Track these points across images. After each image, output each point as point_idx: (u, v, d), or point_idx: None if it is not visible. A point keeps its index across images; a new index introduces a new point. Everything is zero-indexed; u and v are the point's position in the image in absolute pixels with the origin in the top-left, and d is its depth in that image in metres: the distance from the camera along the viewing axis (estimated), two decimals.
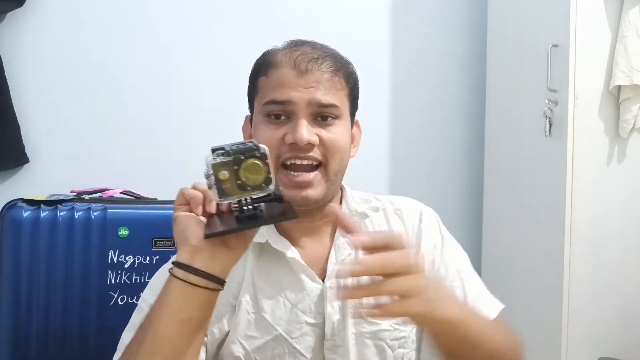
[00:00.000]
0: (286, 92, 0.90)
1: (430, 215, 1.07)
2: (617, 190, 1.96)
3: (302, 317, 0.94)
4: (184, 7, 1.97)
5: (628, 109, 1.91)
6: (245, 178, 0.72)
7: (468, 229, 2.41)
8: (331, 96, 0.91)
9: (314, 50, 0.93)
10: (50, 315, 1.32)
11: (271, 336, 0.94)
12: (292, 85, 0.90)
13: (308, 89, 0.89)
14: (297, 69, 0.90)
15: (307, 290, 0.95)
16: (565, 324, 1.91)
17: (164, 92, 1.93)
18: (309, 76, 0.90)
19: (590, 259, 1.93)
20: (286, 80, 0.90)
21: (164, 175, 1.89)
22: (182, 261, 0.77)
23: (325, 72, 0.91)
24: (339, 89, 0.93)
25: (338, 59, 0.95)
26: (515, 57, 2.12)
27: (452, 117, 2.40)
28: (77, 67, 1.85)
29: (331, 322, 0.94)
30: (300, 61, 0.90)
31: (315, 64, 0.91)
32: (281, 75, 0.91)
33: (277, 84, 0.91)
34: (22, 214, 1.32)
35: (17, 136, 1.75)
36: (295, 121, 0.90)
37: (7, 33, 1.76)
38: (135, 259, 1.37)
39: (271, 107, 0.91)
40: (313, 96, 0.89)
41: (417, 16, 2.32)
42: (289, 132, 0.89)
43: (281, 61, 0.92)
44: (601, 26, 1.91)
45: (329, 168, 0.92)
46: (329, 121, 0.92)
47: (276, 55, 0.93)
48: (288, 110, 0.90)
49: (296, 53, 0.92)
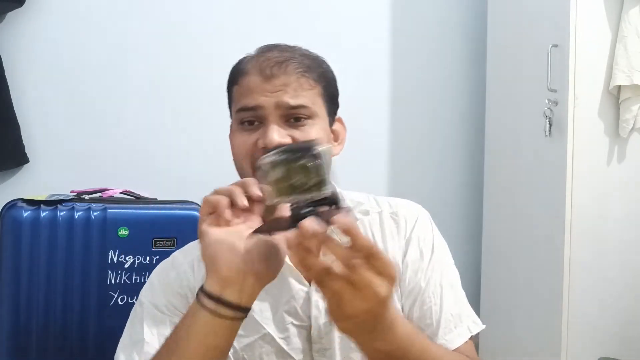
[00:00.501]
0: (254, 97, 0.91)
1: (424, 222, 1.03)
2: (617, 190, 1.96)
3: (287, 319, 0.94)
4: (184, 8, 1.97)
5: (628, 109, 1.91)
6: (301, 178, 0.71)
7: (468, 229, 2.41)
8: (300, 97, 0.91)
9: (281, 53, 0.94)
10: (50, 315, 1.32)
11: (259, 334, 0.94)
12: (259, 91, 0.91)
13: (275, 92, 0.90)
14: (262, 74, 0.91)
15: (293, 292, 0.94)
16: (565, 324, 1.91)
17: (164, 92, 1.93)
18: (275, 80, 0.91)
19: (590, 258, 1.93)
20: (253, 86, 0.91)
21: (164, 175, 1.89)
22: (212, 292, 0.76)
23: (291, 75, 0.92)
24: (307, 89, 0.93)
25: (305, 60, 0.95)
26: (515, 57, 2.12)
27: (452, 117, 2.40)
28: (77, 67, 1.85)
29: (317, 325, 0.93)
30: (265, 66, 0.92)
31: (280, 68, 0.91)
32: (249, 82, 0.92)
33: (246, 91, 0.92)
34: (22, 214, 1.32)
35: (17, 136, 1.75)
36: (266, 126, 0.91)
37: (7, 33, 1.76)
38: (135, 259, 1.37)
39: (243, 114, 0.92)
40: (280, 99, 0.90)
41: (417, 16, 2.32)
42: (261, 137, 0.90)
43: (248, 68, 0.93)
44: (601, 26, 1.91)
45: None
46: (302, 122, 0.92)
47: (245, 63, 0.95)
48: (259, 116, 0.91)
49: (261, 59, 0.93)
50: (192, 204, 1.45)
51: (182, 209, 1.42)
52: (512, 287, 2.15)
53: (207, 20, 1.99)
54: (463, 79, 2.40)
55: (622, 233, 1.98)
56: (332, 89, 0.99)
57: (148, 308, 0.97)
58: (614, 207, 1.96)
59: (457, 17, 2.38)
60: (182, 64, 1.93)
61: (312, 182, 0.71)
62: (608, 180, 1.95)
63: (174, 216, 1.41)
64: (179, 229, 1.36)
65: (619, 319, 1.98)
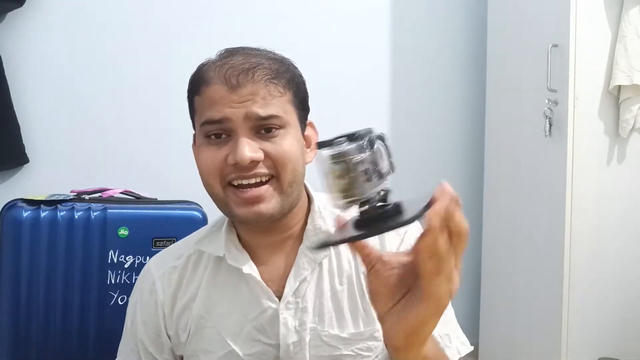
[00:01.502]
0: (220, 109, 0.84)
1: (414, 236, 0.97)
2: (617, 190, 1.96)
3: (255, 335, 0.91)
4: (184, 8, 1.97)
5: (628, 109, 1.91)
6: (370, 167, 0.60)
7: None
8: (270, 107, 0.84)
9: (245, 58, 0.86)
10: (50, 315, 1.32)
11: (225, 351, 0.92)
12: (226, 102, 0.84)
13: (243, 103, 0.83)
14: (228, 83, 0.84)
15: (262, 308, 0.91)
16: (565, 324, 1.91)
17: (164, 92, 1.93)
18: (242, 89, 0.84)
19: (590, 258, 1.93)
20: (218, 97, 0.84)
21: (164, 175, 1.89)
22: None
23: (258, 82, 0.84)
24: (277, 96, 0.85)
25: (273, 65, 0.87)
26: (515, 57, 2.13)
27: (452, 117, 2.40)
28: (77, 67, 1.85)
29: (286, 344, 0.90)
30: (231, 75, 0.84)
31: (247, 76, 0.84)
32: (213, 92, 0.85)
33: (210, 102, 0.85)
34: (22, 214, 1.32)
35: (17, 136, 1.75)
36: (235, 139, 0.84)
37: (7, 33, 1.76)
38: (135, 259, 1.37)
39: (209, 128, 0.85)
40: (249, 110, 0.83)
41: (417, 16, 2.33)
42: (231, 152, 0.84)
43: (212, 77, 0.86)
44: (601, 26, 1.91)
45: (281, 180, 0.86)
46: (273, 132, 0.85)
47: (207, 71, 0.87)
48: (226, 129, 0.84)
49: (225, 67, 0.85)
50: (192, 204, 1.45)
51: (182, 209, 1.42)
52: (512, 287, 2.15)
53: (208, 20, 1.99)
54: (463, 79, 2.40)
55: (622, 233, 1.98)
56: (302, 94, 0.92)
57: (131, 336, 0.99)
58: (614, 207, 1.96)
59: (457, 17, 2.38)
60: (182, 64, 1.93)
61: (385, 169, 0.61)
62: (608, 180, 1.95)
63: (174, 216, 1.40)
64: (179, 229, 1.35)
65: (618, 319, 1.98)
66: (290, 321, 0.90)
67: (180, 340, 0.96)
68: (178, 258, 0.98)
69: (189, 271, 0.96)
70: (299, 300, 0.91)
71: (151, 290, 0.97)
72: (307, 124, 0.93)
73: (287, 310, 0.90)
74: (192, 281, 0.96)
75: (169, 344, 0.97)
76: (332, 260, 0.93)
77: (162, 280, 0.97)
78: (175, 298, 0.96)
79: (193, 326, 0.94)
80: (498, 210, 2.24)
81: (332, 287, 0.92)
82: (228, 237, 0.94)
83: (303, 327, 0.90)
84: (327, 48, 2.15)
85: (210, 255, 0.95)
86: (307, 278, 0.91)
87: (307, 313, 0.90)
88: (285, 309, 0.90)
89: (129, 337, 0.99)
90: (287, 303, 0.91)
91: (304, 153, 0.91)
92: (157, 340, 0.97)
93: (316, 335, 0.91)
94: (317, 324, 0.91)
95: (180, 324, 0.95)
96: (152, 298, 0.97)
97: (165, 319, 0.96)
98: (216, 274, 0.95)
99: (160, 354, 0.97)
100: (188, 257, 0.97)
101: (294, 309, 0.90)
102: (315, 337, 0.90)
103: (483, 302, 2.30)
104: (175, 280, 0.96)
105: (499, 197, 2.24)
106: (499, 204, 2.23)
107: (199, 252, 0.97)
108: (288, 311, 0.90)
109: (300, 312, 0.90)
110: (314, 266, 0.92)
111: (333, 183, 0.61)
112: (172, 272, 0.97)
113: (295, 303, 0.90)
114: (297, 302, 0.90)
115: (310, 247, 0.91)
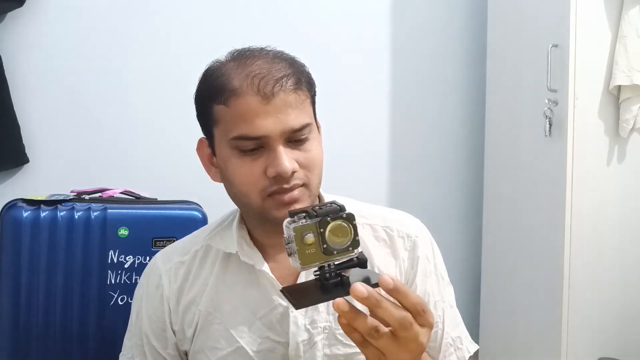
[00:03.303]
0: (257, 125, 0.82)
1: (426, 241, 0.99)
2: (617, 190, 1.96)
3: (264, 332, 0.91)
4: (184, 8, 1.97)
5: (628, 109, 1.91)
6: (331, 241, 0.68)
7: (468, 229, 2.41)
8: (302, 116, 0.85)
9: (269, 64, 0.85)
10: (50, 315, 1.32)
11: (232, 348, 0.92)
12: (260, 113, 0.82)
13: (278, 116, 0.83)
14: (260, 94, 0.82)
15: (272, 305, 0.91)
16: (565, 324, 1.91)
17: (164, 91, 1.93)
18: (275, 100, 0.82)
19: (590, 258, 1.93)
20: (252, 110, 0.82)
21: (164, 175, 1.89)
22: None
23: (289, 91, 0.84)
24: (303, 102, 0.86)
25: (294, 68, 0.87)
26: (515, 57, 2.12)
27: (452, 117, 2.40)
28: (77, 67, 1.85)
29: (295, 342, 0.90)
30: (264, 85, 0.82)
31: (279, 85, 0.83)
32: (246, 105, 0.83)
33: (243, 115, 0.83)
34: (22, 214, 1.32)
35: (17, 136, 1.75)
36: (272, 151, 0.84)
37: (7, 33, 1.76)
38: (135, 259, 1.37)
39: (244, 143, 0.84)
40: (285, 125, 0.83)
41: (417, 16, 2.32)
42: (269, 165, 0.84)
43: (241, 87, 0.83)
44: (601, 26, 1.91)
45: (311, 185, 0.88)
46: (302, 141, 0.86)
47: (231, 79, 0.85)
48: (263, 143, 0.84)
49: (255, 76, 0.83)
50: (192, 204, 1.45)
51: (182, 209, 1.42)
52: (512, 287, 2.15)
53: (209, 20, 1.99)
54: (463, 79, 2.40)
55: (621, 233, 1.98)
56: (315, 93, 0.92)
57: (135, 330, 0.99)
58: (614, 207, 1.96)
59: (457, 17, 2.38)
60: (182, 64, 1.93)
61: (345, 244, 0.68)
62: (608, 180, 1.95)
63: (174, 216, 1.41)
64: (179, 229, 1.35)
65: (618, 319, 1.98)
66: (300, 319, 0.90)
67: (185, 335, 0.96)
68: (185, 253, 0.98)
69: (196, 266, 0.97)
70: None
71: (157, 285, 0.97)
72: None
73: None
74: (199, 277, 0.96)
75: (173, 339, 0.97)
76: None
77: (168, 275, 0.97)
78: (182, 293, 0.96)
79: (200, 322, 0.94)
80: (498, 210, 2.24)
81: None
82: (239, 234, 0.94)
83: (314, 325, 0.91)
84: (326, 48, 2.15)
85: (219, 251, 0.95)
86: None
87: (319, 312, 0.91)
88: None
89: (134, 332, 1.00)
90: None
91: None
92: (161, 335, 0.97)
93: (331, 334, 0.91)
94: (331, 323, 0.91)
95: (186, 320, 0.96)
96: (158, 292, 0.97)
97: (171, 314, 0.96)
98: (225, 270, 0.95)
99: (164, 349, 0.97)
100: (195, 252, 0.98)
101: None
102: (330, 335, 0.91)
103: (483, 302, 2.29)
104: (182, 276, 0.97)
105: (498, 197, 2.23)
106: (499, 203, 2.23)
107: (207, 247, 0.97)
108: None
109: (311, 310, 0.90)
110: None
111: (298, 248, 0.68)
112: (178, 267, 0.97)
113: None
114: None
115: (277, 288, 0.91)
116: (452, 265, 1.08)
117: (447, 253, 1.05)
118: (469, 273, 2.40)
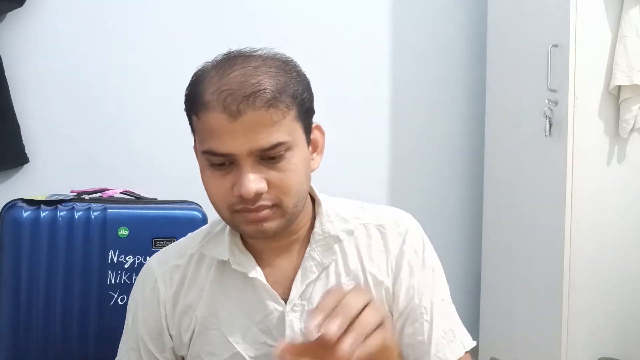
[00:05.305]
0: (223, 143, 0.80)
1: (415, 235, 0.97)
2: (617, 190, 1.97)
3: (261, 337, 0.91)
4: (184, 8, 1.97)
5: (628, 109, 1.91)
6: None
7: (468, 229, 2.41)
8: (273, 135, 0.80)
9: (246, 78, 0.80)
10: (50, 315, 1.32)
11: (229, 353, 0.91)
12: (227, 132, 0.79)
13: (245, 135, 0.79)
14: (227, 111, 0.79)
15: (268, 311, 0.91)
16: (565, 324, 1.91)
17: (164, 91, 1.93)
18: (243, 117, 0.78)
19: (590, 258, 1.93)
20: (220, 127, 0.79)
21: (164, 175, 1.89)
22: None
23: (259, 109, 0.79)
24: (280, 119, 0.80)
25: (275, 83, 0.81)
26: (515, 57, 2.13)
27: (452, 117, 2.40)
28: (77, 67, 1.85)
29: None
30: (231, 102, 0.78)
31: (247, 103, 0.78)
32: (213, 120, 0.80)
33: (210, 131, 0.81)
34: (22, 214, 1.32)
35: (17, 136, 1.75)
36: (239, 170, 0.81)
37: (7, 33, 1.75)
38: (135, 259, 1.37)
39: (212, 158, 0.83)
40: (252, 145, 0.79)
41: (417, 16, 2.32)
42: (235, 184, 0.81)
43: (209, 102, 0.80)
44: (601, 26, 1.91)
45: (283, 206, 0.84)
46: (277, 159, 0.82)
47: (204, 91, 0.82)
48: (230, 160, 0.82)
49: (223, 91, 0.79)
50: (192, 204, 1.45)
51: (182, 209, 1.43)
52: (512, 286, 2.15)
53: (208, 20, 1.99)
54: (463, 79, 2.40)
55: (621, 233, 1.98)
56: (308, 101, 0.87)
57: (131, 334, 0.99)
58: (614, 207, 1.96)
59: (457, 16, 2.38)
60: (182, 64, 1.93)
61: None
62: (608, 180, 1.95)
63: (174, 216, 1.41)
64: (179, 229, 1.36)
65: (618, 319, 1.98)
66: (296, 323, 0.90)
67: (182, 340, 0.96)
68: (180, 257, 0.97)
69: (191, 271, 0.96)
70: (305, 303, 0.91)
71: (153, 288, 0.97)
72: (313, 127, 0.90)
73: (293, 312, 0.90)
74: (195, 282, 0.95)
75: (170, 343, 0.97)
76: (338, 261, 0.93)
77: (163, 278, 0.96)
78: (178, 298, 0.96)
79: (197, 328, 0.94)
80: (498, 210, 2.24)
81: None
82: (232, 241, 0.93)
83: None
84: (326, 47, 2.15)
85: (213, 257, 0.95)
86: (313, 281, 0.92)
87: (315, 316, 0.90)
88: (291, 311, 0.90)
89: (130, 335, 0.99)
90: (294, 305, 0.91)
91: (309, 167, 0.89)
92: (158, 339, 0.97)
93: None
94: None
95: (183, 324, 0.95)
96: (153, 296, 0.96)
97: (167, 317, 0.96)
98: (220, 276, 0.94)
99: (161, 354, 0.97)
100: (190, 256, 0.97)
101: (301, 311, 0.90)
102: None
103: (483, 302, 2.30)
104: (177, 280, 0.96)
105: (498, 197, 2.24)
106: (499, 203, 2.23)
107: (201, 252, 0.97)
108: (294, 313, 0.90)
109: (307, 314, 0.90)
110: (320, 270, 0.92)
111: None
112: (174, 271, 0.97)
113: (302, 305, 0.90)
114: (304, 305, 0.90)
115: None
116: (452, 264, 1.08)
117: (447, 252, 1.05)
118: (469, 272, 2.40)
